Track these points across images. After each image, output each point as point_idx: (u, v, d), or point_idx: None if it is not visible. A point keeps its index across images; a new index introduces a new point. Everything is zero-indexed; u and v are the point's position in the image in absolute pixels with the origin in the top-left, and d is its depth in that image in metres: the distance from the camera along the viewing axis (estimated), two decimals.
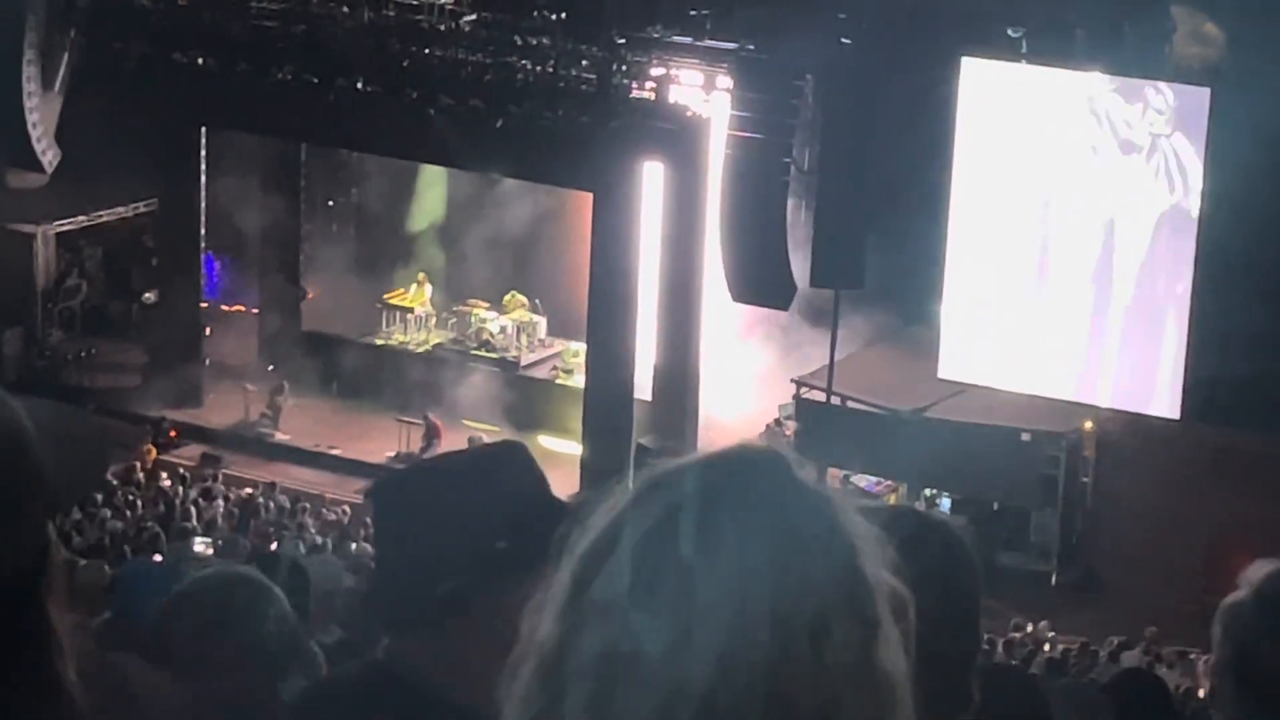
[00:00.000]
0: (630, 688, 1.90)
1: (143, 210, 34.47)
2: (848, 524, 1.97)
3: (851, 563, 1.95)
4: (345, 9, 30.46)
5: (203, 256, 32.85)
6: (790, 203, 29.29)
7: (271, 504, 26.83)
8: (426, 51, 29.84)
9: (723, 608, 1.89)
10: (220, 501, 26.58)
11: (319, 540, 23.95)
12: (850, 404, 28.55)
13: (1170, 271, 27.01)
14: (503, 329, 32.23)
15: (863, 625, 1.93)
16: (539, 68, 29.22)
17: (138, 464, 28.46)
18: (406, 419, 30.63)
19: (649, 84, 28.97)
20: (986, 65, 27.54)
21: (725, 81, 28.53)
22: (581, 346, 31.07)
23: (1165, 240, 26.96)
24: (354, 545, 24.36)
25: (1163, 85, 26.68)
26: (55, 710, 2.14)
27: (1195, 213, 26.64)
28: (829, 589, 1.92)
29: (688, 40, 28.81)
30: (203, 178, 32.15)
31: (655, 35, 29.01)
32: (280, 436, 31.32)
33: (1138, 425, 27.27)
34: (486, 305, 32.47)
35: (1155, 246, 27.06)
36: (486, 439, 29.26)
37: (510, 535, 3.33)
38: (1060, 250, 27.65)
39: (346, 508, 27.26)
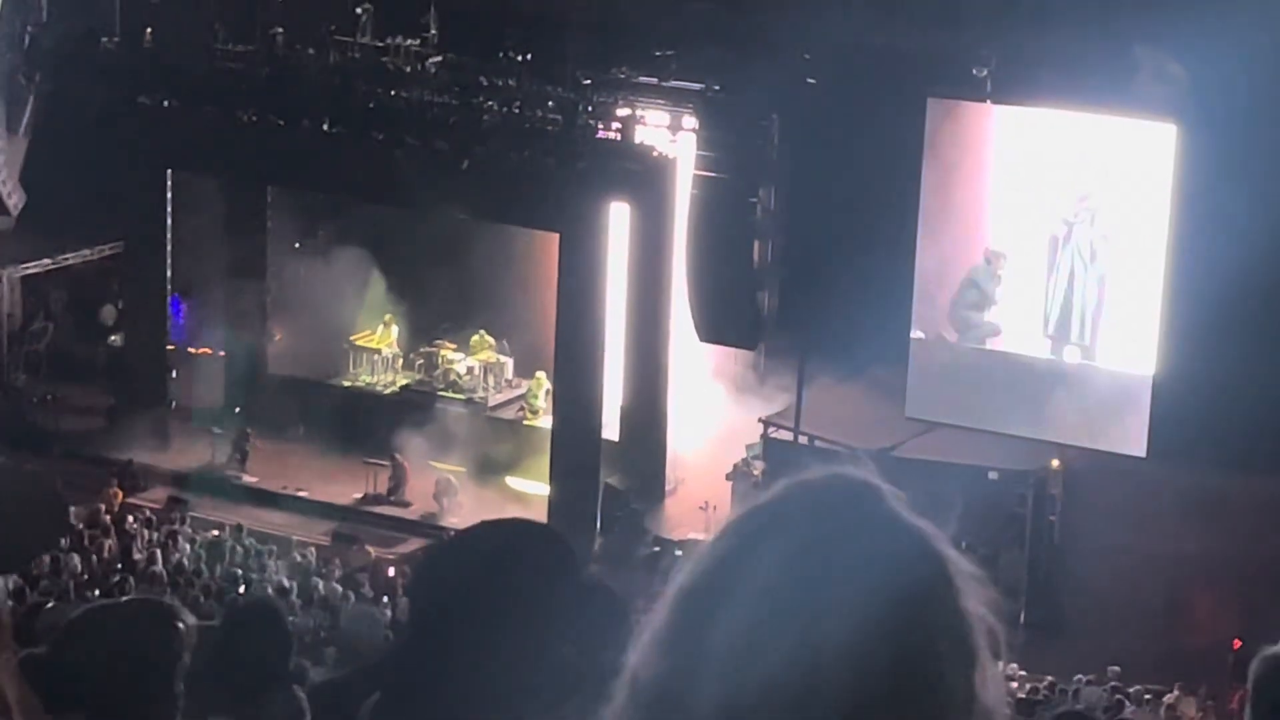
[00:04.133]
0: None
1: (108, 253, 34.33)
2: (949, 558, 2.01)
3: (955, 600, 1.98)
4: (311, 51, 30.49)
5: (169, 299, 32.75)
6: (756, 243, 29.36)
7: (239, 546, 26.73)
8: (392, 93, 29.85)
9: (848, 653, 1.89)
10: (186, 545, 26.47)
11: (285, 583, 23.87)
12: (818, 443, 28.51)
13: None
14: (470, 370, 32.14)
15: (969, 662, 1.96)
16: (505, 109, 29.25)
17: (103, 507, 28.32)
18: (374, 461, 30.54)
19: (615, 125, 28.99)
20: (952, 105, 27.61)
21: (691, 122, 28.60)
22: (545, 376, 31.08)
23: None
24: (320, 584, 24.32)
25: None
26: None
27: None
28: (940, 628, 1.95)
29: (653, 81, 28.88)
30: (169, 220, 32.05)
31: (621, 76, 29.09)
32: (247, 479, 31.21)
33: (1105, 464, 27.28)
34: (453, 346, 32.40)
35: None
36: (453, 479, 29.40)
37: (573, 648, 3.07)
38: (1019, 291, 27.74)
39: (313, 550, 27.18)
